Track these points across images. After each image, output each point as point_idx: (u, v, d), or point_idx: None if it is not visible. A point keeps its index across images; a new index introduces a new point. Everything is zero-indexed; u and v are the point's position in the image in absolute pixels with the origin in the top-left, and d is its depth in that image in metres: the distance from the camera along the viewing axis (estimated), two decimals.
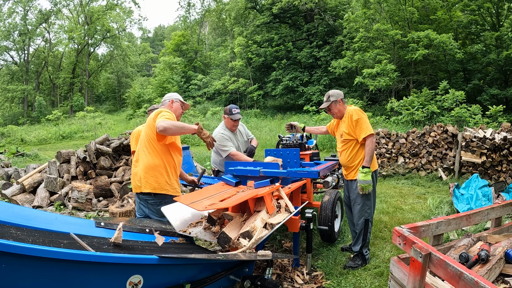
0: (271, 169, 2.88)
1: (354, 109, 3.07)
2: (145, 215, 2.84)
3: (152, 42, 56.01)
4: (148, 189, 2.68)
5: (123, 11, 35.67)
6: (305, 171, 2.94)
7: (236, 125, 3.72)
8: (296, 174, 2.91)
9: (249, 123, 18.70)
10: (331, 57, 20.85)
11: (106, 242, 1.93)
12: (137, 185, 2.75)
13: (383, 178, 7.34)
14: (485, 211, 2.48)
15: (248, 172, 2.89)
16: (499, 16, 17.38)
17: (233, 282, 2.15)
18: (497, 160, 6.16)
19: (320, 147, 11.18)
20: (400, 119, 12.04)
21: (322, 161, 3.93)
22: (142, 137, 2.79)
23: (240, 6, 25.58)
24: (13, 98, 31.86)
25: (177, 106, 2.95)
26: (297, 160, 3.42)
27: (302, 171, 2.94)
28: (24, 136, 18.48)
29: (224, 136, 3.61)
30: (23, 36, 31.05)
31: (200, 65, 32.54)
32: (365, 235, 3.09)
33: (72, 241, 1.81)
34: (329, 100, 3.14)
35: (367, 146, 3.00)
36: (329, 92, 3.18)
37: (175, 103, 2.95)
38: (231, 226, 2.33)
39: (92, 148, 5.70)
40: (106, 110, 34.24)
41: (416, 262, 1.61)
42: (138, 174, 2.73)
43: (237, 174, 2.97)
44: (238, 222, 2.40)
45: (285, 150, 3.48)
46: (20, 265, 1.29)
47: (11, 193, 5.38)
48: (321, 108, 3.24)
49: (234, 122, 3.66)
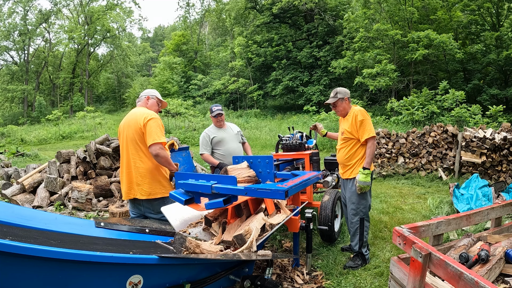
0: (226, 185, 2.19)
1: (360, 110, 3.09)
2: (140, 213, 2.84)
3: (152, 42, 56.01)
4: (144, 196, 2.67)
5: (123, 11, 35.66)
6: (268, 189, 2.11)
7: (219, 120, 3.90)
8: (256, 193, 2.14)
9: (249, 123, 18.70)
10: (331, 57, 20.86)
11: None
12: (128, 193, 2.71)
13: (383, 178, 7.34)
14: (485, 211, 2.48)
15: (199, 188, 2.26)
16: (499, 16, 17.39)
17: (233, 282, 2.15)
18: (497, 160, 6.16)
19: (320, 147, 11.18)
20: (400, 119, 12.05)
21: (301, 172, 3.10)
22: (131, 141, 2.68)
23: (240, 6, 25.58)
24: (13, 98, 31.83)
25: (152, 103, 2.91)
26: (271, 170, 2.68)
27: (264, 189, 2.12)
28: (24, 136, 18.47)
29: (204, 137, 3.88)
30: (23, 36, 31.04)
31: (200, 65, 32.55)
32: (362, 234, 3.10)
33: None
34: (336, 97, 3.16)
35: (369, 148, 3.02)
36: (337, 89, 3.20)
37: (150, 99, 2.92)
38: (232, 226, 2.33)
39: (92, 148, 5.70)
40: (106, 110, 34.21)
41: (416, 262, 1.61)
42: (131, 181, 2.69)
43: (187, 189, 2.36)
44: (239, 223, 2.40)
45: (256, 158, 2.76)
46: (20, 265, 1.29)
47: (11, 193, 5.38)
48: (327, 103, 3.25)
49: (215, 118, 3.89)
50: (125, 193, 2.77)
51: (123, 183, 2.79)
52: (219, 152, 3.84)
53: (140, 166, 2.68)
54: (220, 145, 3.84)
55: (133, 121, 2.69)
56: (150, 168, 2.69)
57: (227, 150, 3.82)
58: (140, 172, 2.68)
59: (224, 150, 3.83)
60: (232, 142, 3.90)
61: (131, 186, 2.71)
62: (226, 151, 3.82)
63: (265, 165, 2.70)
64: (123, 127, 2.81)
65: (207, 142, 3.85)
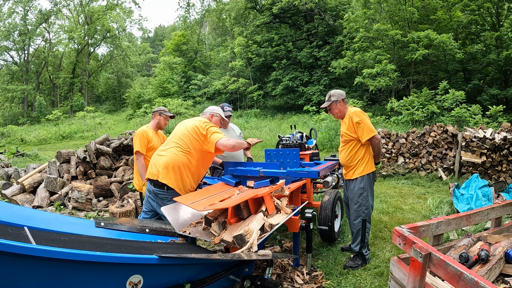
0: (271, 169, 2.86)
1: (355, 111, 3.05)
2: (151, 209, 2.85)
3: (152, 42, 56.01)
4: (165, 180, 2.68)
5: (123, 11, 35.66)
6: (305, 171, 2.91)
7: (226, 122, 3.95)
8: (296, 174, 2.89)
9: (249, 123, 18.69)
10: (331, 57, 20.85)
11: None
12: (153, 173, 2.74)
13: (383, 178, 7.34)
14: (485, 211, 2.48)
15: (247, 172, 2.90)
16: (499, 16, 17.38)
17: (233, 282, 2.15)
18: (497, 160, 6.16)
19: (320, 147, 11.18)
20: (400, 119, 12.04)
21: (322, 161, 3.91)
22: (183, 134, 2.81)
23: (240, 6, 25.58)
24: (13, 98, 31.84)
25: (216, 121, 3.13)
26: (297, 160, 3.39)
27: (302, 171, 2.91)
28: (24, 136, 18.47)
29: None
30: (23, 36, 31.04)
31: (200, 65, 32.53)
32: (363, 236, 3.10)
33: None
34: (329, 100, 3.13)
35: (374, 147, 3.06)
36: (331, 92, 3.18)
37: (214, 117, 3.14)
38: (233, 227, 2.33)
39: (92, 148, 5.70)
40: (106, 110, 34.22)
41: (416, 262, 1.61)
42: (160, 164, 2.72)
43: (236, 174, 2.98)
44: (239, 223, 2.40)
45: (285, 150, 3.46)
46: (20, 265, 1.29)
47: (11, 193, 5.38)
48: (321, 107, 3.24)
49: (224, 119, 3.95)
50: (150, 173, 2.79)
51: (152, 164, 2.80)
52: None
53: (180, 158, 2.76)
54: None
55: (196, 126, 2.82)
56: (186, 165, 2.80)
57: (229, 152, 3.82)
58: (176, 162, 2.74)
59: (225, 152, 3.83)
60: None
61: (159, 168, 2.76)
62: (227, 153, 3.84)
63: (293, 156, 3.40)
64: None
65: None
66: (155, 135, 3.69)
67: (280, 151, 3.49)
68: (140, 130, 3.57)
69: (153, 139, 3.58)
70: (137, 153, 3.48)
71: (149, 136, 3.56)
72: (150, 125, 3.72)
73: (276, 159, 3.49)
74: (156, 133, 3.72)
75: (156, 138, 3.65)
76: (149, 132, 3.60)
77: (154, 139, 3.60)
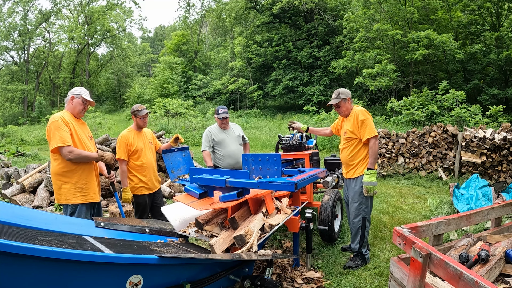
0: (239, 179, 2.38)
1: (361, 110, 3.12)
2: None
3: (152, 42, 56.00)
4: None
5: (123, 11, 35.65)
6: (279, 183, 2.36)
7: (224, 123, 4.00)
8: (268, 186, 2.37)
9: (249, 123, 18.69)
10: (331, 57, 20.85)
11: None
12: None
13: (383, 178, 7.34)
14: (485, 211, 2.48)
15: (213, 182, 2.47)
16: (499, 16, 17.38)
17: (233, 282, 2.15)
18: (497, 160, 6.16)
19: (320, 147, 11.18)
20: (400, 119, 12.04)
21: (307, 169, 3.38)
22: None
23: (240, 6, 25.58)
24: (13, 98, 31.83)
25: (77, 102, 2.85)
26: (278, 167, 2.81)
27: (275, 182, 2.36)
28: (24, 136, 18.47)
29: (207, 134, 3.98)
30: (23, 36, 31.03)
31: (200, 65, 32.54)
32: (363, 234, 3.11)
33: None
34: (339, 97, 3.18)
35: (371, 148, 3.04)
36: (339, 90, 3.23)
37: (75, 99, 2.85)
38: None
39: None
40: (106, 110, 34.19)
41: (416, 262, 1.61)
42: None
43: (201, 184, 2.58)
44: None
45: (264, 155, 2.86)
46: (20, 265, 1.29)
47: (11, 193, 5.38)
48: (330, 104, 3.26)
49: (220, 120, 3.99)
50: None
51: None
52: (219, 153, 3.96)
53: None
54: (220, 146, 3.95)
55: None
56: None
57: (226, 152, 3.94)
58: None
59: (224, 152, 3.94)
60: (232, 145, 3.98)
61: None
62: (225, 153, 3.94)
63: (273, 162, 2.79)
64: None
65: (208, 140, 3.96)
66: (138, 136, 3.51)
67: (258, 156, 2.89)
68: (120, 135, 3.43)
69: (135, 142, 3.42)
70: (118, 160, 3.36)
71: (129, 141, 3.40)
72: (132, 127, 3.55)
73: (254, 165, 2.91)
74: (139, 133, 3.55)
75: (138, 139, 3.48)
76: (129, 136, 3.43)
77: (136, 141, 3.44)
